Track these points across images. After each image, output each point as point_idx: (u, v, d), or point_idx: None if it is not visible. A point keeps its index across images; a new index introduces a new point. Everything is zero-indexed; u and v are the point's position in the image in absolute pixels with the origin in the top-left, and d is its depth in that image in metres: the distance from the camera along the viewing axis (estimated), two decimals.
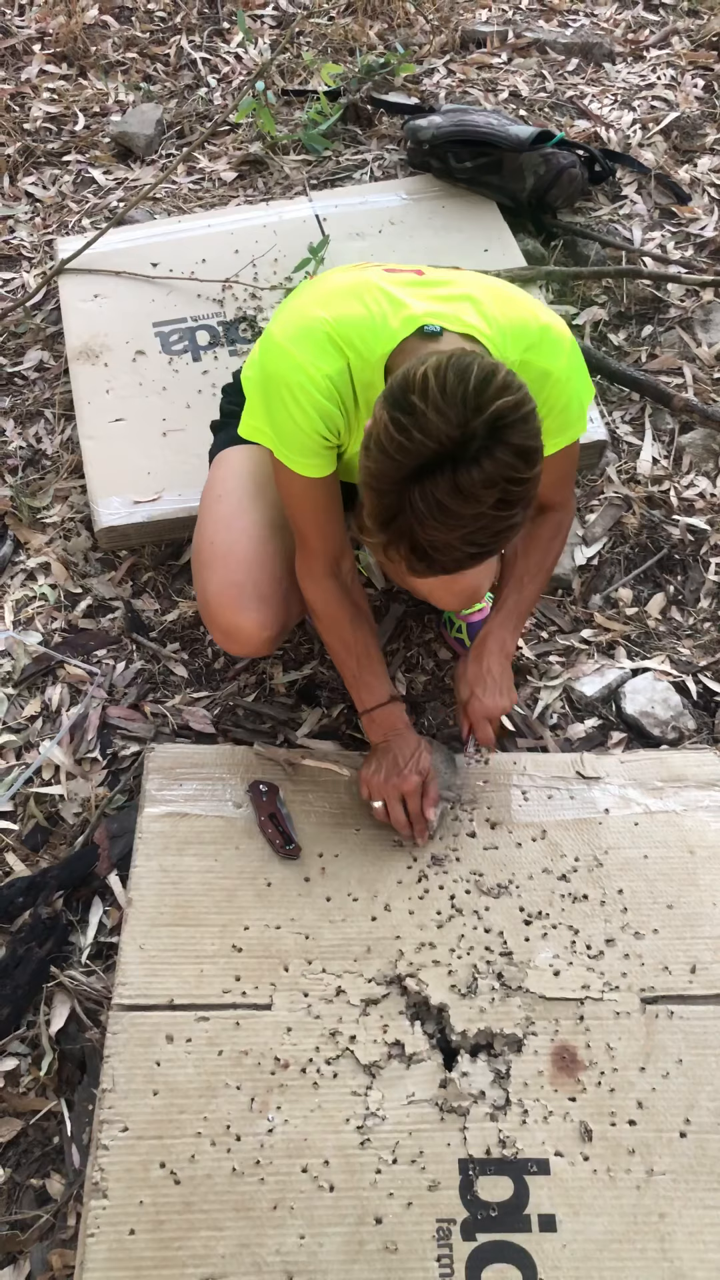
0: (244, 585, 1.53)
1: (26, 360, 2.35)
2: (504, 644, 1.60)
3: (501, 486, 1.06)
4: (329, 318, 1.31)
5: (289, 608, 1.57)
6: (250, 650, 1.60)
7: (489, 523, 1.09)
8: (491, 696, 1.58)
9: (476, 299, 1.31)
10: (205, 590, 1.57)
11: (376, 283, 1.34)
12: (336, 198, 2.57)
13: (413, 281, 1.36)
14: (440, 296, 1.32)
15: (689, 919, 1.53)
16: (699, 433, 2.18)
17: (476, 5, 3.23)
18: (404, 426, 1.06)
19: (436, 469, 1.06)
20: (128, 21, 3.20)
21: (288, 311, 1.37)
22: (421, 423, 1.05)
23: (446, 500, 1.06)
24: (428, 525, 1.08)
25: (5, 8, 3.22)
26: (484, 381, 1.05)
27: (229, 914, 1.51)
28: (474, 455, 1.05)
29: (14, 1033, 1.50)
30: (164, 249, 2.43)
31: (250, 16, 3.19)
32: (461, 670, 1.62)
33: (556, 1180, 1.32)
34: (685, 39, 3.10)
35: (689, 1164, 1.33)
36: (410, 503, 1.08)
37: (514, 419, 1.06)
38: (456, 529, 1.08)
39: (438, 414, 1.05)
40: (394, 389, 1.09)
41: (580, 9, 3.24)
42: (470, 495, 1.06)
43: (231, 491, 1.59)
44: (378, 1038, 1.41)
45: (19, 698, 1.84)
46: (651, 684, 1.84)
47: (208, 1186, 1.30)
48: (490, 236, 2.46)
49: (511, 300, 1.35)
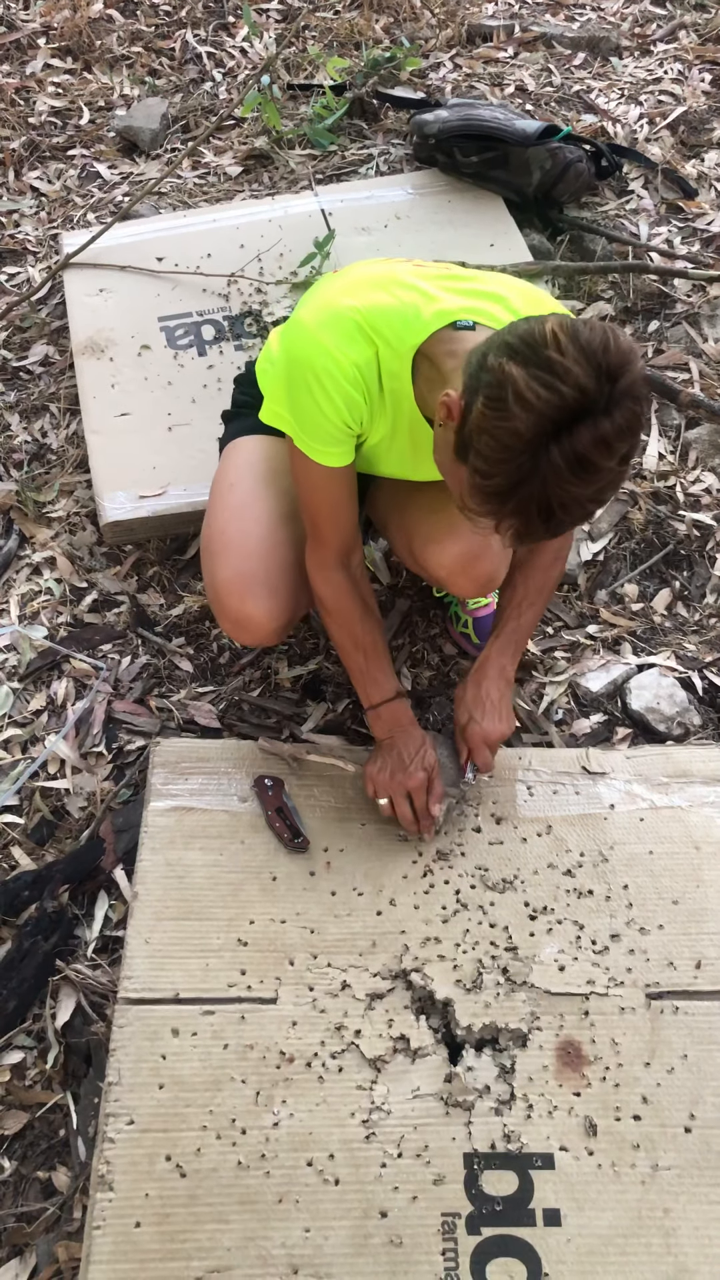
0: (254, 574, 1.53)
1: (32, 355, 2.35)
2: (503, 669, 1.60)
3: (629, 440, 1.07)
4: (359, 306, 1.31)
5: (298, 598, 1.57)
6: (259, 640, 1.60)
7: (615, 477, 1.10)
8: (490, 721, 1.58)
9: (504, 297, 1.31)
10: (214, 579, 1.57)
11: (405, 277, 1.33)
12: (342, 192, 2.56)
13: (440, 275, 1.36)
14: (469, 291, 1.32)
15: (694, 914, 1.53)
16: (705, 428, 2.17)
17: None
18: (547, 381, 1.05)
19: (577, 421, 1.05)
20: (133, 15, 3.20)
21: (316, 299, 1.36)
22: (568, 375, 1.04)
23: (589, 452, 1.06)
24: (566, 481, 1.08)
25: (10, 2, 3.22)
26: (612, 335, 1.06)
27: (234, 908, 1.51)
28: (607, 407, 1.05)
29: (20, 1026, 1.50)
30: (169, 243, 2.43)
31: (256, 10, 3.19)
32: (460, 695, 1.62)
33: (561, 1175, 1.32)
34: (693, 33, 3.09)
35: (694, 1159, 1.33)
36: (549, 460, 1.07)
37: (642, 374, 1.07)
38: (592, 483, 1.09)
39: (579, 366, 1.04)
40: (519, 347, 1.07)
41: (587, 3, 3.23)
42: (610, 447, 1.06)
43: (242, 481, 1.59)
44: (383, 1032, 1.41)
45: (24, 692, 1.85)
46: (657, 680, 1.83)
47: (213, 1180, 1.30)
48: (496, 231, 2.46)
49: (540, 301, 1.35)
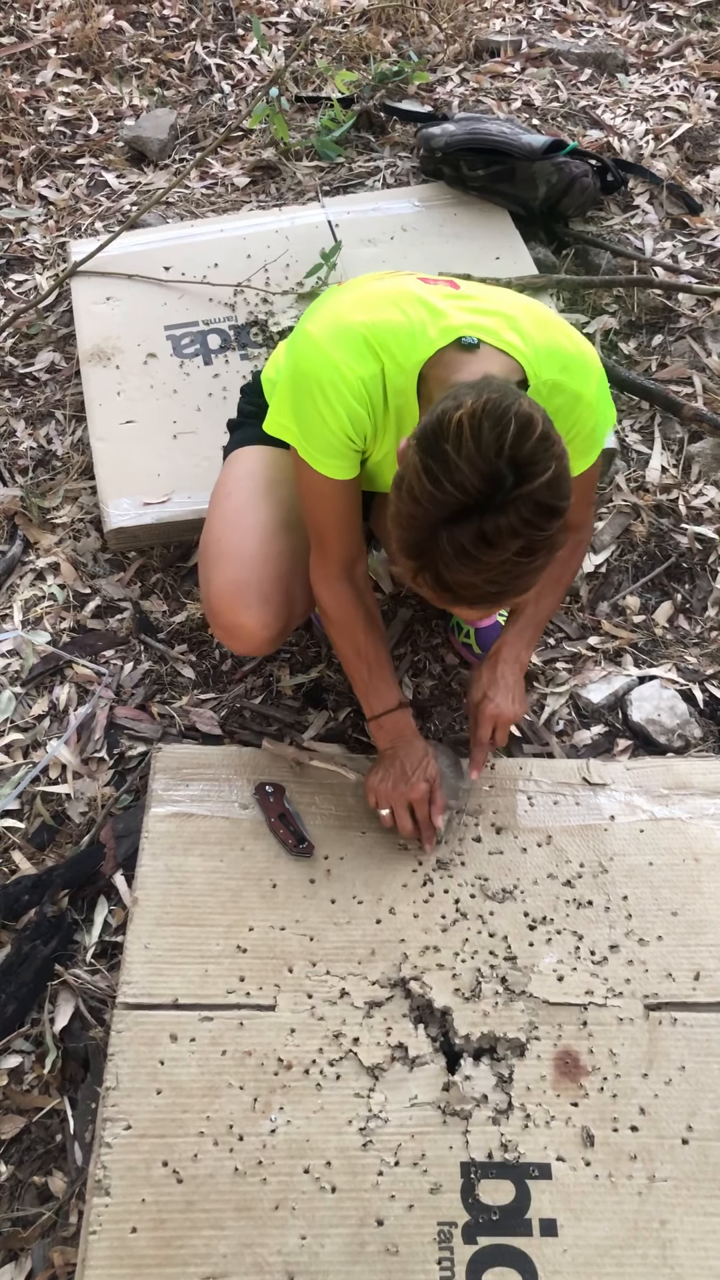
0: (247, 583, 1.53)
1: (38, 362, 2.36)
2: (518, 655, 1.61)
3: (526, 537, 1.07)
4: (367, 321, 1.31)
5: (292, 607, 1.57)
6: (251, 649, 1.60)
7: (511, 567, 1.10)
8: (504, 701, 1.59)
9: (513, 316, 1.31)
10: (209, 587, 1.57)
11: (415, 292, 1.33)
12: (349, 204, 2.58)
13: (450, 293, 1.36)
14: (477, 309, 1.32)
15: (693, 926, 1.53)
16: (708, 442, 2.18)
17: (490, 15, 3.25)
18: (435, 476, 1.06)
19: (464, 517, 1.06)
20: (143, 27, 3.22)
21: (324, 312, 1.36)
22: (454, 474, 1.05)
23: (471, 547, 1.07)
24: (453, 567, 1.10)
25: (21, 12, 3.24)
26: (521, 434, 1.04)
27: (234, 914, 1.52)
28: (500, 507, 1.05)
29: (18, 1030, 1.50)
30: (176, 253, 2.44)
31: (265, 24, 3.21)
32: (476, 675, 1.63)
33: (558, 1185, 1.32)
34: (699, 51, 3.11)
35: (691, 1171, 1.33)
36: (437, 544, 1.09)
37: (546, 479, 1.05)
38: (480, 572, 1.10)
39: (470, 465, 1.04)
40: (427, 432, 1.08)
41: (594, 20, 3.25)
42: (495, 544, 1.07)
43: (241, 489, 1.60)
44: (381, 1040, 1.41)
45: (27, 697, 1.85)
46: (658, 691, 1.84)
47: (210, 1186, 1.30)
48: (502, 244, 2.47)
49: (547, 322, 1.35)
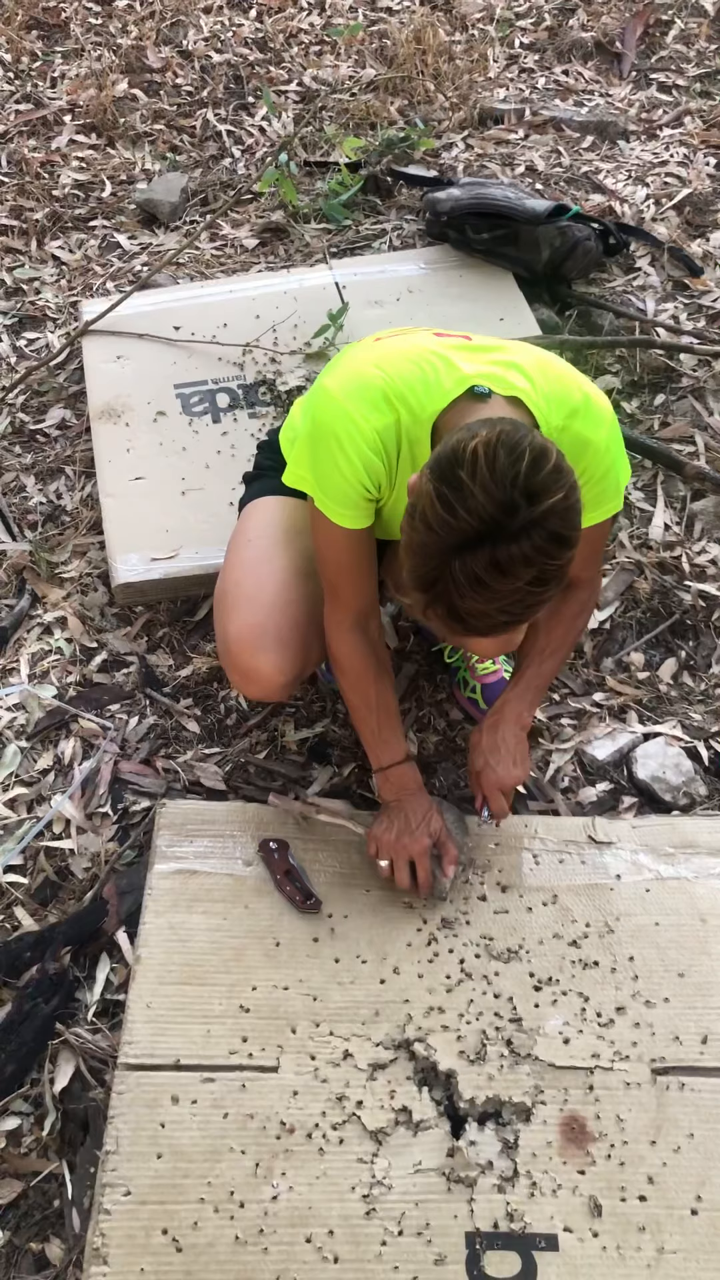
0: (264, 627, 1.54)
1: (49, 418, 2.39)
2: (520, 716, 1.61)
3: (539, 566, 1.08)
4: (385, 375, 1.34)
5: (308, 654, 1.58)
6: (266, 693, 1.60)
7: (523, 596, 1.11)
8: (505, 767, 1.58)
9: (522, 366, 1.34)
10: (225, 631, 1.58)
11: (430, 347, 1.37)
12: (356, 266, 2.63)
13: (463, 346, 1.39)
14: (489, 360, 1.35)
15: (700, 988, 1.51)
16: (711, 500, 2.20)
17: (494, 84, 3.33)
18: (449, 502, 1.08)
19: (477, 544, 1.08)
20: (156, 95, 3.31)
21: (343, 368, 1.39)
22: (468, 501, 1.07)
23: (484, 575, 1.08)
24: (465, 595, 1.11)
25: (38, 80, 3.34)
26: (535, 463, 1.06)
27: (237, 973, 1.50)
28: (514, 534, 1.07)
29: (18, 1091, 1.48)
30: (186, 313, 2.49)
31: (275, 92, 3.30)
32: (476, 740, 1.62)
33: (565, 1257, 1.29)
34: (698, 119, 3.19)
35: (701, 1243, 1.31)
36: (450, 573, 1.10)
37: (560, 508, 1.07)
38: (493, 601, 1.11)
39: (484, 493, 1.06)
40: (442, 461, 1.10)
41: (595, 89, 3.34)
42: (508, 572, 1.08)
43: (260, 538, 1.62)
44: (385, 1103, 1.39)
45: (32, 751, 1.85)
46: (663, 749, 1.84)
47: (210, 1255, 1.28)
48: (506, 306, 2.51)
49: (556, 369, 1.38)
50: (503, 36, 3.53)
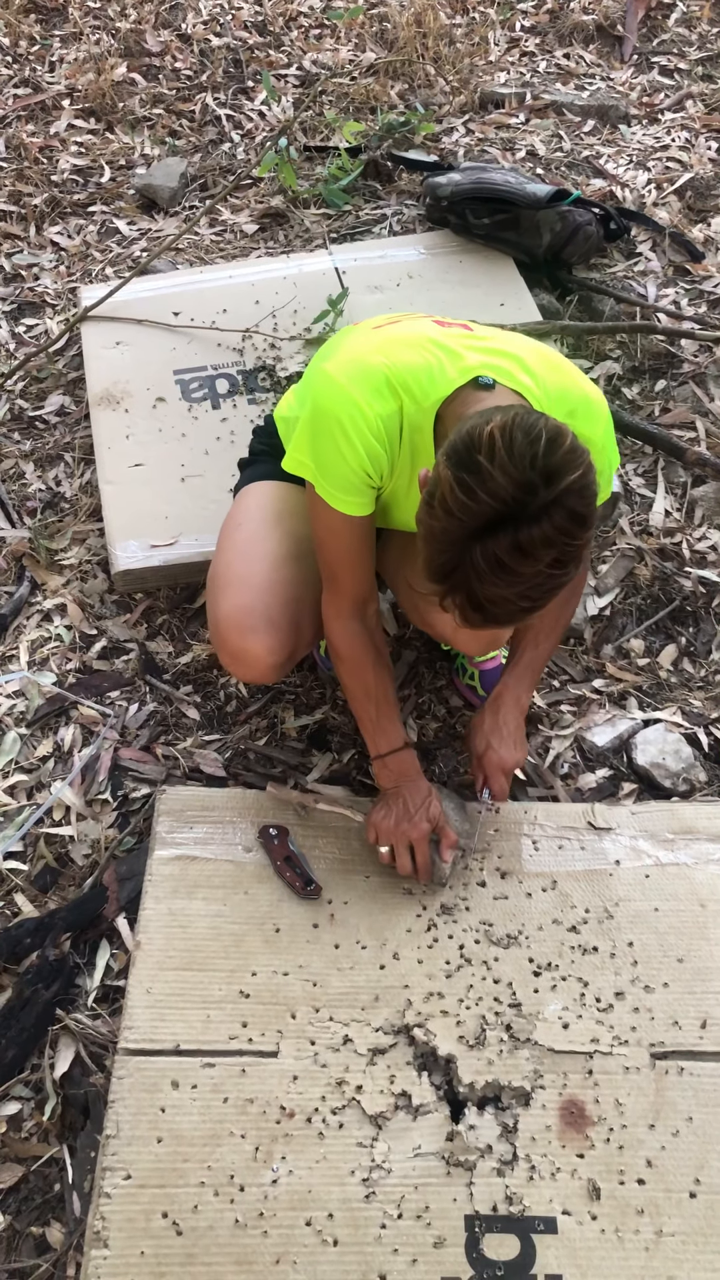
0: (254, 609, 1.54)
1: (48, 405, 2.39)
2: (519, 699, 1.61)
3: (560, 546, 1.08)
4: (388, 363, 1.33)
5: (299, 635, 1.58)
6: (257, 675, 1.60)
7: (544, 580, 1.11)
8: (508, 748, 1.60)
9: (523, 359, 1.34)
10: (216, 612, 1.58)
11: (432, 335, 1.36)
12: (356, 251, 2.62)
13: (464, 335, 1.39)
14: (489, 350, 1.35)
15: (699, 973, 1.52)
16: (711, 486, 2.20)
17: (495, 68, 3.31)
18: (469, 486, 1.07)
19: (499, 528, 1.07)
20: (155, 79, 3.29)
21: (343, 353, 1.38)
22: (487, 483, 1.06)
23: (506, 558, 1.08)
24: (486, 581, 1.10)
25: (36, 64, 3.32)
26: (551, 444, 1.06)
27: (236, 959, 1.51)
28: (534, 515, 1.06)
29: (18, 1076, 1.49)
30: (186, 298, 2.47)
31: (275, 76, 3.28)
32: (477, 723, 1.63)
33: (564, 1240, 1.30)
34: (699, 103, 3.17)
35: (699, 1226, 1.31)
36: (470, 559, 1.10)
37: (578, 485, 1.07)
38: (514, 585, 1.10)
39: (504, 474, 1.06)
40: (458, 446, 1.09)
41: (597, 73, 3.31)
42: (530, 554, 1.07)
43: (251, 521, 1.62)
44: (384, 1088, 1.40)
45: (32, 738, 1.85)
46: (663, 735, 1.83)
47: (210, 1238, 1.28)
48: (506, 291, 2.50)
49: (557, 365, 1.37)
50: (504, 20, 3.50)
